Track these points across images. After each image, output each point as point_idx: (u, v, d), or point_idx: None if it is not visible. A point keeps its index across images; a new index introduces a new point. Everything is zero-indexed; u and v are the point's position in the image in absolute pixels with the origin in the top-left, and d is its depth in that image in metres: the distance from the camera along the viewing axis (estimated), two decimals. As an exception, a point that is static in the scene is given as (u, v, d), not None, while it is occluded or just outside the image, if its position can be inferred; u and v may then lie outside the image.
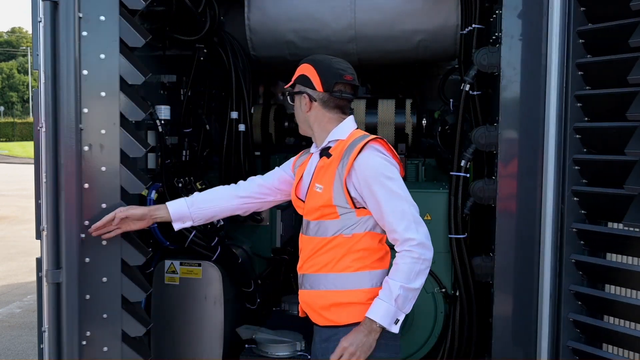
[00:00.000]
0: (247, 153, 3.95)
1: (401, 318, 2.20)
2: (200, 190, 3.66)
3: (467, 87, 3.39)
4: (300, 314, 2.52)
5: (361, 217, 2.27)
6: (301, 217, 2.47)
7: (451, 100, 4.03)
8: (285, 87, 2.48)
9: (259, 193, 2.66)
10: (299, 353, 3.49)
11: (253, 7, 4.17)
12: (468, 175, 3.54)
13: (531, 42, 2.98)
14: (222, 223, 3.86)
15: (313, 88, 2.36)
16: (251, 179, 2.72)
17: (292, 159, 2.67)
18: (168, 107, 3.53)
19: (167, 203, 2.61)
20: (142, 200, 3.41)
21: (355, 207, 2.26)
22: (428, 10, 3.99)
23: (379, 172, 2.22)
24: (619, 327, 2.77)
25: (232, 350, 3.63)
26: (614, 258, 2.85)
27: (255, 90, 6.01)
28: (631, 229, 2.58)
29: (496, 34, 3.17)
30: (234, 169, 3.95)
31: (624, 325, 2.78)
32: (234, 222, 4.29)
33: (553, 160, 2.94)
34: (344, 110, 2.41)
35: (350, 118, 2.42)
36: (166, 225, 3.47)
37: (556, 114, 2.93)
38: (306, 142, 5.64)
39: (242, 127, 3.93)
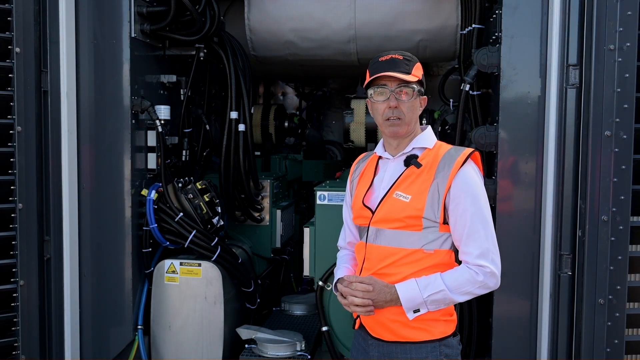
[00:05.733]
0: (247, 153, 3.94)
1: (423, 311, 2.16)
2: (200, 190, 3.67)
3: (467, 87, 3.39)
4: (356, 326, 2.40)
5: (443, 232, 2.19)
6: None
7: (451, 100, 4.02)
8: (405, 78, 2.23)
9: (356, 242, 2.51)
10: (299, 353, 3.49)
11: (253, 7, 4.17)
12: (468, 175, 3.52)
13: (531, 42, 2.98)
14: (222, 223, 3.86)
15: (423, 87, 2.33)
16: (347, 242, 2.54)
17: (348, 181, 2.50)
18: (168, 107, 3.52)
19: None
20: (142, 200, 3.42)
21: (443, 223, 2.18)
22: (428, 10, 3.99)
23: (476, 192, 2.16)
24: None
25: (232, 350, 3.63)
26: None
27: (255, 90, 6.03)
28: None
29: (496, 34, 3.17)
30: (234, 169, 3.94)
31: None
32: (233, 222, 4.29)
33: (553, 160, 2.94)
34: None
35: (430, 127, 2.37)
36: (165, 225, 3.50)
37: (556, 113, 2.93)
38: (306, 142, 5.65)
39: (242, 127, 3.91)
